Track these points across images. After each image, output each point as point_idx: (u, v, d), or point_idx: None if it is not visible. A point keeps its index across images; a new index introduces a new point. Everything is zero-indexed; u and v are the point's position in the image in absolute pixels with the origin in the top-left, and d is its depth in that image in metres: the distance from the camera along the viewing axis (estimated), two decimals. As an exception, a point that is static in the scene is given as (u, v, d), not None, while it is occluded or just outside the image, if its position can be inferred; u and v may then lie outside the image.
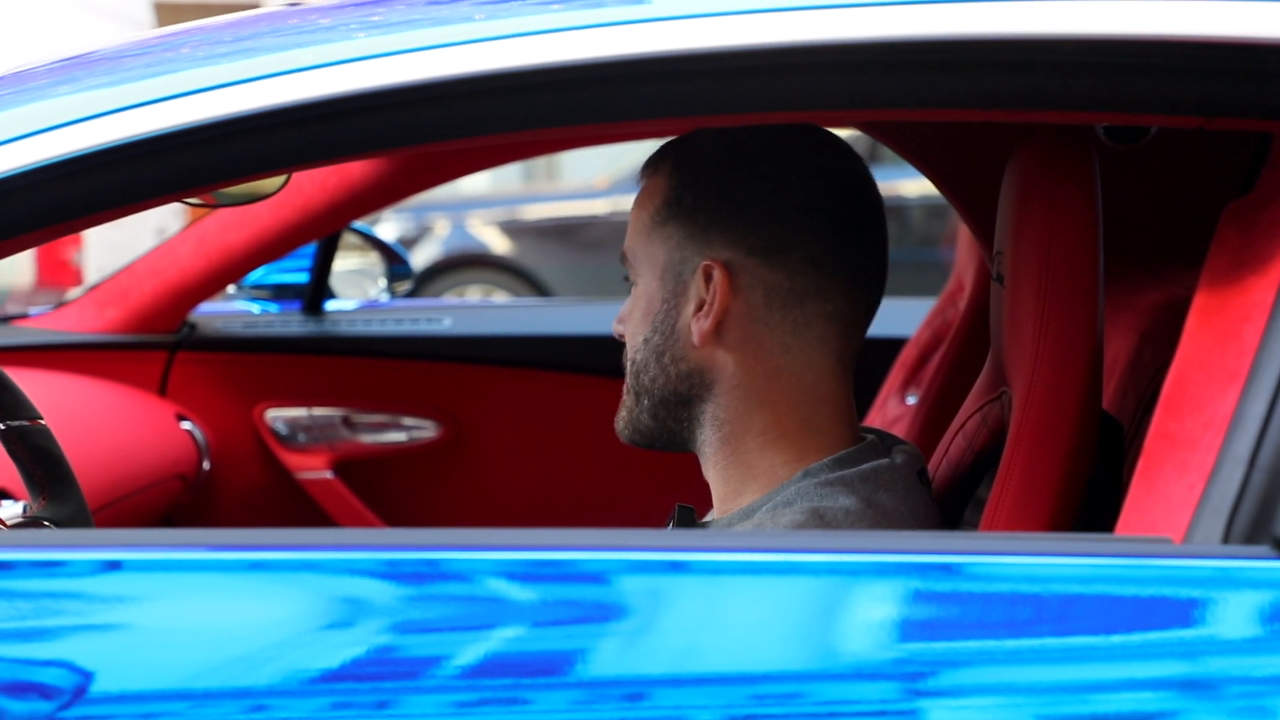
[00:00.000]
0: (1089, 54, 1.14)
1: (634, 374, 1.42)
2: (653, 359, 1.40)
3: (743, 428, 1.39)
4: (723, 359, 1.38)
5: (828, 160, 1.39)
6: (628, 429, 1.44)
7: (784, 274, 1.36)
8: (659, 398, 1.40)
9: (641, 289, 1.41)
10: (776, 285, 1.37)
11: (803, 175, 1.38)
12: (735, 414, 1.39)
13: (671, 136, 1.48)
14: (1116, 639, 1.04)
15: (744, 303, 1.37)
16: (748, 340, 1.38)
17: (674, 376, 1.39)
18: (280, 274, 2.86)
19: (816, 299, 1.37)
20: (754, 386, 1.38)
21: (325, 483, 2.80)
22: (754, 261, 1.36)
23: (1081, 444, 1.32)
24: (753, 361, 1.38)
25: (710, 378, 1.39)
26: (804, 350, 1.38)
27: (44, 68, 1.33)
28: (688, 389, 1.39)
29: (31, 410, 1.61)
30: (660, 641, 1.04)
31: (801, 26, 1.15)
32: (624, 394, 1.44)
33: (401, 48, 1.17)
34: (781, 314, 1.37)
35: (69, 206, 1.18)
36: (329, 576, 1.08)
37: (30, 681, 1.05)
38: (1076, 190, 1.32)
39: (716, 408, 1.39)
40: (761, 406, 1.38)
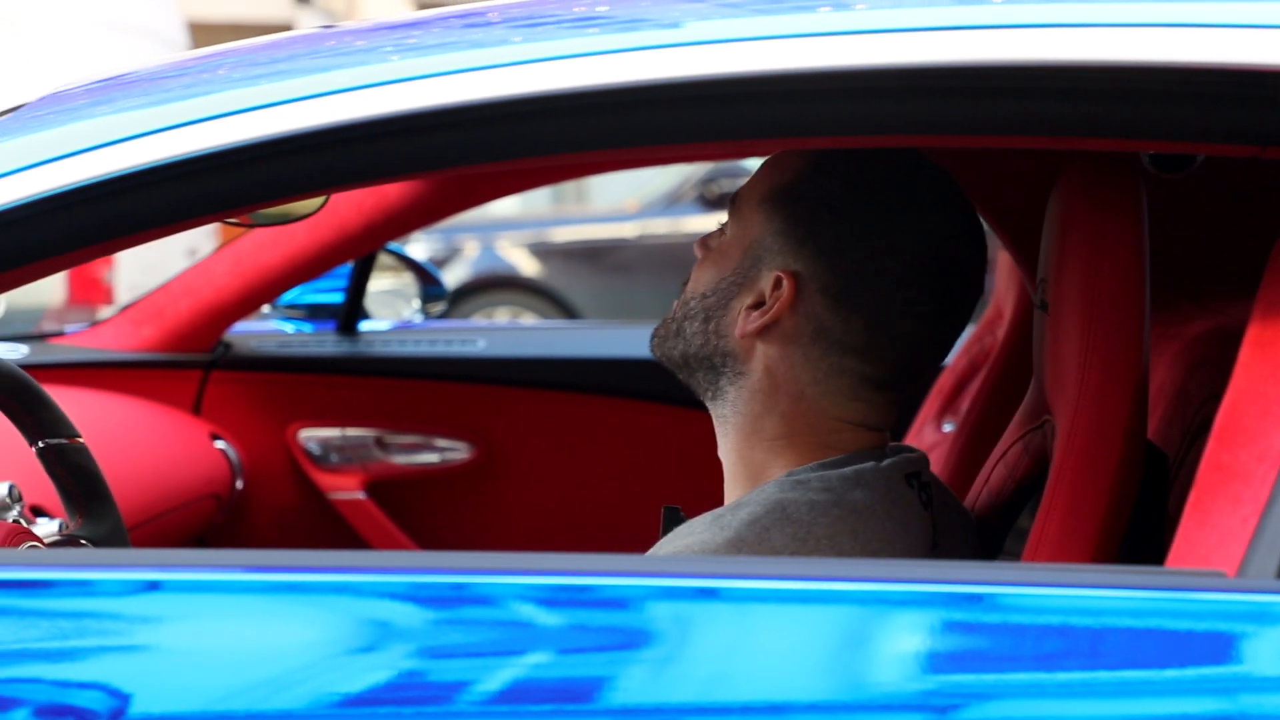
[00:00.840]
0: (1139, 81, 1.13)
1: (684, 313, 1.43)
2: (700, 316, 1.41)
3: (755, 427, 1.40)
4: (758, 359, 1.39)
5: (945, 247, 1.36)
6: (659, 348, 1.45)
7: (841, 325, 1.36)
8: (695, 349, 1.42)
9: (729, 240, 1.42)
10: (829, 329, 1.37)
11: (915, 252, 1.35)
12: (752, 412, 1.40)
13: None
14: (1168, 674, 1.02)
15: (795, 326, 1.37)
16: (784, 358, 1.38)
17: (713, 345, 1.41)
18: (315, 294, 2.86)
19: (858, 357, 1.37)
20: (775, 399, 1.39)
21: (358, 503, 2.80)
22: (821, 298, 1.37)
23: (1127, 475, 1.31)
24: (781, 379, 1.39)
25: (743, 367, 1.40)
26: (834, 393, 1.39)
27: (82, 89, 1.34)
28: (721, 362, 1.41)
29: (70, 428, 1.61)
30: (688, 669, 1.03)
31: (845, 51, 1.15)
32: (673, 312, 1.44)
33: (437, 70, 1.17)
34: (822, 353, 1.37)
35: (109, 227, 1.18)
36: (359, 599, 1.07)
37: (66, 704, 1.04)
38: (1122, 218, 1.31)
39: (738, 395, 1.40)
40: (778, 419, 1.39)
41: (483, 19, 1.32)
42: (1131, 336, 1.31)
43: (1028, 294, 2.04)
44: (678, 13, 1.23)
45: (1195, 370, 1.66)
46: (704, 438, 1.48)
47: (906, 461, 1.39)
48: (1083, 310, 1.31)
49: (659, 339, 1.45)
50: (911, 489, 1.38)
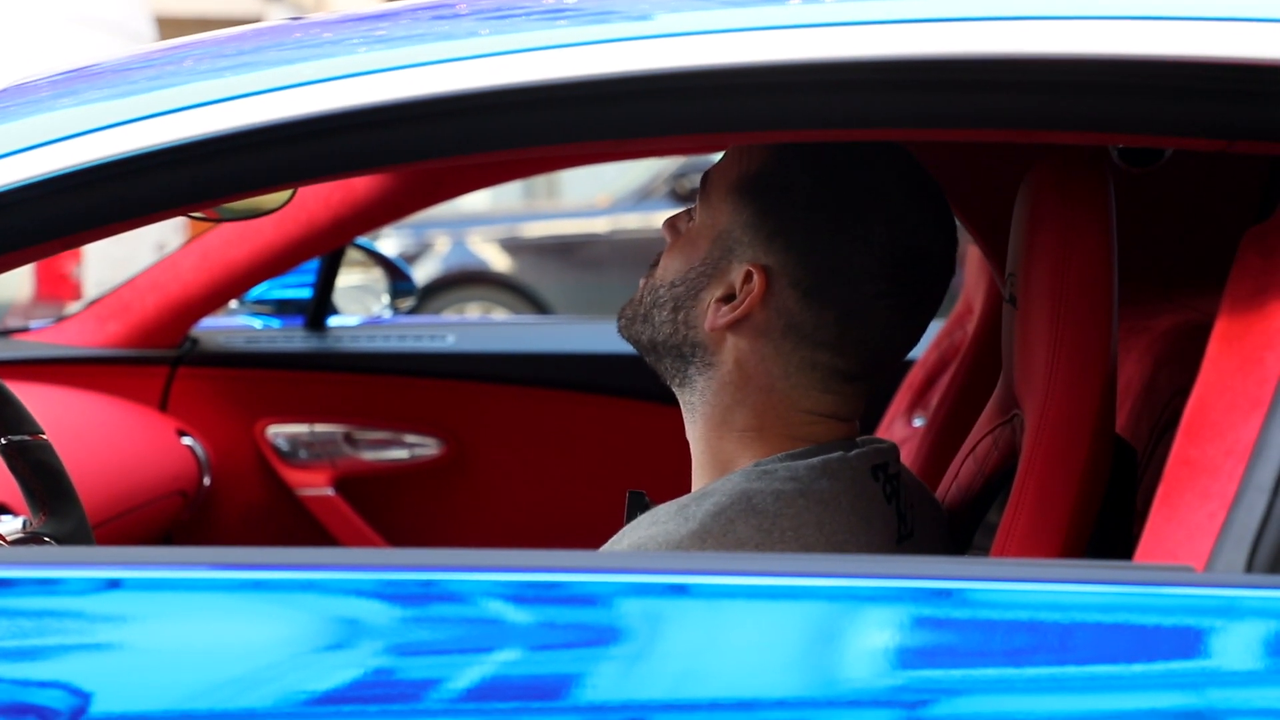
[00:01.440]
0: (1106, 75, 1.13)
1: (652, 298, 1.42)
2: (669, 304, 1.40)
3: (724, 418, 1.39)
4: (728, 351, 1.38)
5: (916, 238, 1.35)
6: (627, 329, 1.44)
7: (813, 320, 1.36)
8: (663, 338, 1.41)
9: (698, 227, 1.41)
10: (801, 324, 1.36)
11: (885, 244, 1.34)
12: (721, 404, 1.39)
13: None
14: (1136, 668, 1.02)
15: (766, 320, 1.37)
16: (754, 352, 1.38)
17: (681, 335, 1.40)
18: (283, 289, 2.85)
19: (829, 351, 1.36)
20: (745, 391, 1.38)
21: (326, 499, 2.79)
22: (792, 293, 1.36)
23: (1095, 469, 1.31)
24: (751, 372, 1.38)
25: (712, 358, 1.39)
26: (805, 385, 1.38)
27: (46, 80, 1.33)
28: (690, 352, 1.40)
29: (33, 425, 1.60)
30: (659, 666, 1.03)
31: (814, 44, 1.15)
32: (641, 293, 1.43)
33: (405, 62, 1.17)
34: (793, 347, 1.37)
35: (72, 220, 1.17)
36: (328, 596, 1.07)
37: (29, 703, 1.03)
38: (1091, 212, 1.31)
39: (707, 386, 1.40)
40: (748, 411, 1.39)
41: (451, 11, 1.31)
42: (1100, 330, 1.31)
43: (997, 288, 2.05)
44: (647, 5, 1.23)
45: (1164, 364, 1.67)
46: (675, 433, 1.48)
47: (874, 453, 1.39)
48: (1051, 304, 1.32)
49: (626, 320, 1.45)
50: (876, 481, 1.37)
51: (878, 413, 2.63)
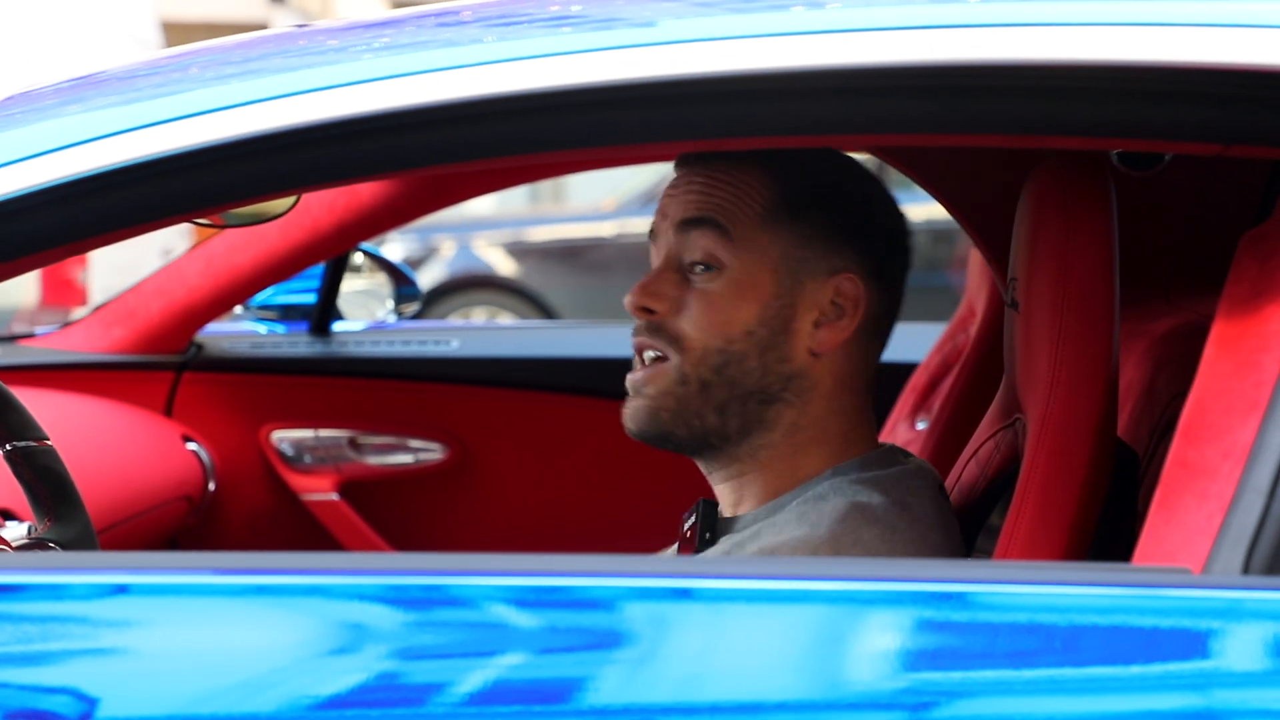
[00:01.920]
0: (1105, 80, 1.14)
1: (712, 365, 1.34)
2: (754, 352, 1.35)
3: (815, 435, 1.38)
4: (825, 369, 1.38)
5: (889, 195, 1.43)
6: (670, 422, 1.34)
7: (885, 307, 1.40)
8: (744, 391, 1.35)
9: (739, 275, 1.35)
10: (879, 314, 1.39)
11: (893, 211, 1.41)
12: (815, 421, 1.38)
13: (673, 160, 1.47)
14: (1134, 670, 1.03)
15: (861, 322, 1.39)
16: (850, 357, 1.39)
17: (774, 375, 1.36)
18: (287, 295, 2.85)
19: (888, 330, 1.41)
20: (840, 400, 1.39)
21: (331, 504, 2.79)
22: (873, 283, 1.38)
23: (1097, 472, 1.31)
24: (845, 377, 1.39)
25: (808, 383, 1.37)
26: (868, 375, 1.41)
27: (52, 87, 1.33)
28: (782, 388, 1.36)
29: (38, 430, 1.60)
30: (665, 669, 1.03)
31: (814, 51, 1.15)
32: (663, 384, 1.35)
33: (410, 70, 1.17)
34: (869, 339, 1.39)
35: (78, 227, 1.18)
36: (333, 601, 1.07)
37: (35, 709, 1.04)
38: (1092, 216, 1.32)
39: (800, 414, 1.37)
40: (839, 417, 1.39)
41: (456, 18, 1.32)
42: (1101, 334, 1.31)
43: (999, 292, 2.05)
44: (651, 12, 1.23)
45: (1164, 367, 1.67)
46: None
47: (931, 471, 1.42)
48: (1053, 308, 1.32)
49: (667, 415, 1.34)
50: (944, 498, 1.40)
51: (881, 417, 2.63)
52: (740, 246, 1.36)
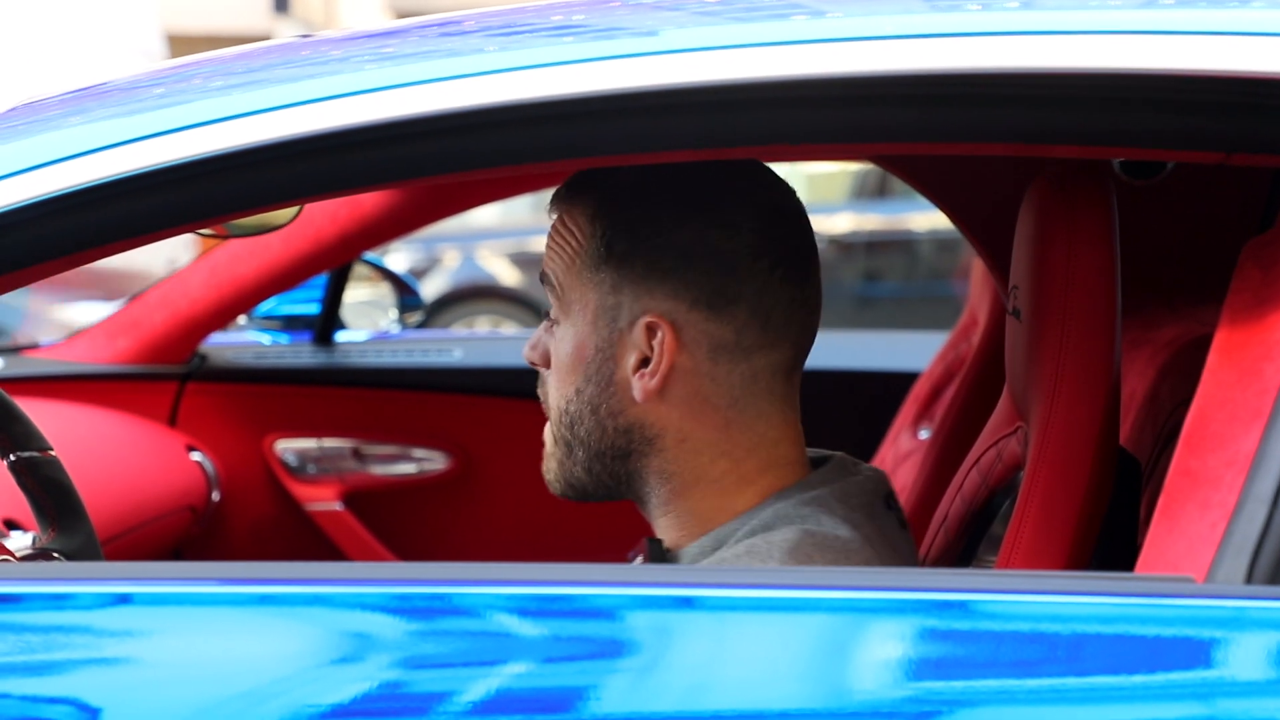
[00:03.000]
0: (1107, 88, 1.14)
1: (565, 425, 1.33)
2: (587, 411, 1.32)
3: (694, 478, 1.32)
4: (667, 413, 1.31)
5: (768, 194, 1.32)
6: (558, 482, 1.36)
7: (730, 328, 1.30)
8: (594, 451, 1.32)
9: (570, 329, 1.33)
10: (722, 340, 1.30)
11: (747, 214, 1.30)
12: (686, 466, 1.32)
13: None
14: (1137, 679, 1.02)
15: (689, 358, 1.30)
16: (693, 395, 1.31)
17: (612, 431, 1.32)
18: (291, 305, 2.86)
19: (763, 351, 1.31)
20: (705, 439, 1.32)
21: (335, 514, 2.79)
22: (698, 315, 1.29)
23: (1099, 481, 1.31)
24: (702, 416, 1.31)
25: (652, 432, 1.31)
26: (753, 401, 1.31)
27: (56, 99, 1.33)
28: (626, 443, 1.32)
29: (42, 441, 1.60)
30: (668, 678, 1.03)
31: (816, 60, 1.15)
32: (548, 442, 1.36)
33: (413, 79, 1.17)
34: (728, 368, 1.30)
35: (81, 238, 1.18)
36: (337, 611, 1.07)
37: (38, 718, 1.04)
38: (1094, 225, 1.31)
39: (663, 462, 1.32)
40: (718, 457, 1.32)
41: (459, 28, 1.32)
42: (1104, 342, 1.31)
43: (1001, 301, 2.05)
44: (654, 21, 1.23)
45: (1167, 376, 1.67)
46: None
47: (881, 480, 1.36)
48: (1055, 316, 1.32)
49: (553, 476, 1.35)
50: (890, 510, 1.36)
51: (883, 426, 2.63)
52: (568, 301, 1.33)
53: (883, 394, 2.69)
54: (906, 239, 8.52)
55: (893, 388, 2.67)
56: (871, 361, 2.85)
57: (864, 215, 8.43)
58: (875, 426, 2.64)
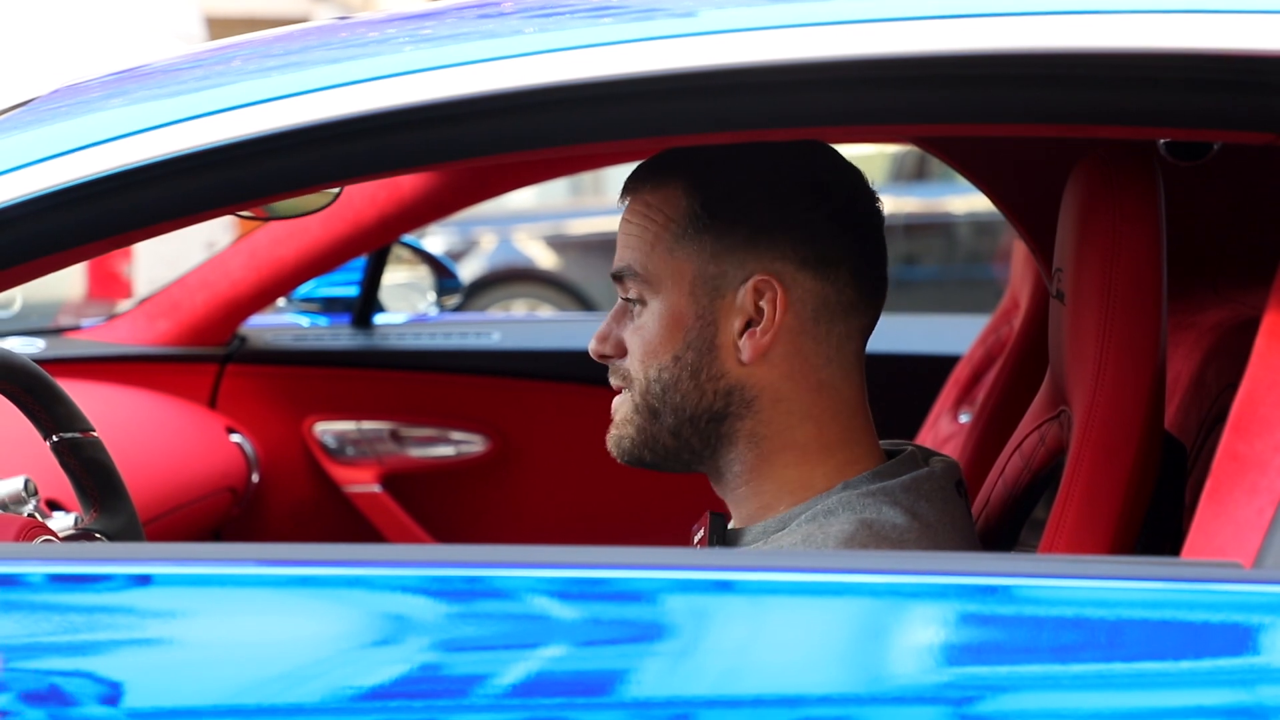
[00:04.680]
0: (1153, 68, 1.13)
1: (655, 394, 1.37)
2: (686, 376, 1.35)
3: (784, 443, 1.36)
4: (766, 374, 1.35)
5: (847, 173, 1.38)
6: (637, 448, 1.39)
7: (833, 288, 1.35)
8: (689, 415, 1.36)
9: (662, 304, 1.36)
10: (826, 299, 1.35)
11: (836, 189, 1.36)
12: (777, 429, 1.36)
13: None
14: (1182, 665, 1.02)
15: (795, 317, 1.34)
16: (794, 355, 1.35)
17: (711, 394, 1.35)
18: (330, 287, 2.87)
19: (856, 313, 1.36)
20: (799, 401, 1.35)
21: (373, 496, 2.80)
22: (806, 274, 1.34)
23: (1144, 465, 1.30)
24: (799, 376, 1.35)
25: (751, 393, 1.35)
26: (843, 364, 1.36)
27: (98, 81, 1.34)
28: (724, 406, 1.36)
29: (84, 422, 1.61)
30: (705, 662, 1.03)
31: (860, 40, 1.14)
32: (623, 411, 1.39)
33: (450, 61, 1.17)
34: (828, 328, 1.35)
35: (123, 219, 1.18)
36: (375, 593, 1.07)
37: (80, 698, 1.04)
38: (1139, 206, 1.30)
39: (756, 424, 1.36)
40: (805, 420, 1.36)
41: (496, 9, 1.32)
42: (1148, 326, 1.30)
43: (1044, 284, 2.03)
44: (692, 2, 1.23)
45: (1213, 359, 1.65)
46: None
47: (952, 469, 1.38)
48: (1099, 299, 1.31)
49: (630, 443, 1.38)
50: (961, 497, 1.37)
51: (924, 408, 2.62)
52: (657, 280, 1.36)
53: (923, 377, 2.68)
54: (945, 221, 8.47)
55: (933, 371, 2.65)
56: (911, 345, 2.84)
57: (902, 198, 8.38)
58: (915, 410, 2.63)
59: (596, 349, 1.40)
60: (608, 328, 1.40)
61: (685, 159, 1.37)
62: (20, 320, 2.92)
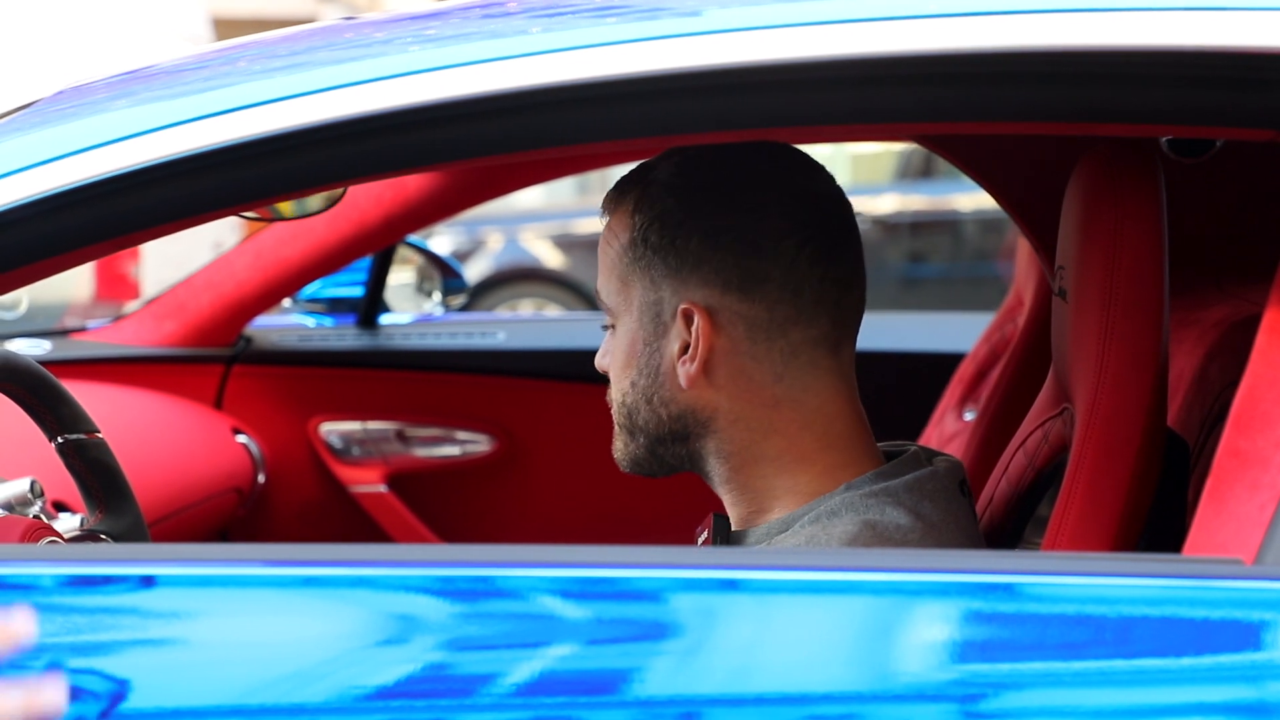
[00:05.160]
0: (1154, 65, 1.13)
1: (625, 415, 1.39)
2: (642, 402, 1.37)
3: (753, 456, 1.36)
4: (714, 396, 1.35)
5: (796, 179, 1.36)
6: (626, 461, 1.42)
7: (763, 306, 1.33)
8: (654, 436, 1.38)
9: (622, 330, 1.38)
10: (756, 318, 1.33)
11: (773, 198, 1.34)
12: (741, 445, 1.36)
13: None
14: (1185, 661, 1.02)
15: (727, 339, 1.33)
16: (738, 375, 1.34)
17: (666, 417, 1.37)
18: (335, 288, 2.87)
19: (799, 326, 1.34)
20: (757, 418, 1.35)
21: (379, 496, 2.80)
22: (731, 298, 1.33)
23: (1146, 462, 1.30)
24: (748, 395, 1.35)
25: (705, 415, 1.36)
26: (799, 376, 1.35)
27: (103, 82, 1.34)
28: (683, 427, 1.37)
29: (89, 424, 1.61)
30: (713, 660, 1.03)
31: (862, 38, 1.14)
32: (616, 428, 1.41)
33: (455, 61, 1.17)
34: (767, 345, 1.34)
35: (128, 220, 1.19)
36: (382, 593, 1.07)
37: (84, 698, 1.05)
38: (1141, 204, 1.30)
39: (719, 442, 1.36)
40: (769, 435, 1.35)
41: (501, 9, 1.32)
42: (1151, 323, 1.30)
43: (1048, 281, 2.03)
44: (697, 1, 1.23)
45: (1215, 356, 1.65)
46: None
47: (956, 468, 1.38)
48: (1101, 297, 1.31)
49: (621, 457, 1.41)
50: (965, 497, 1.37)
51: (929, 405, 2.62)
52: (617, 305, 1.39)
53: (927, 375, 2.68)
54: (951, 219, 8.46)
55: (937, 369, 2.65)
56: (916, 343, 2.84)
57: (908, 196, 8.38)
58: (920, 408, 2.63)
59: (600, 363, 1.43)
60: (605, 344, 1.42)
61: (639, 182, 1.37)
62: (27, 321, 2.92)
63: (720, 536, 1.38)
